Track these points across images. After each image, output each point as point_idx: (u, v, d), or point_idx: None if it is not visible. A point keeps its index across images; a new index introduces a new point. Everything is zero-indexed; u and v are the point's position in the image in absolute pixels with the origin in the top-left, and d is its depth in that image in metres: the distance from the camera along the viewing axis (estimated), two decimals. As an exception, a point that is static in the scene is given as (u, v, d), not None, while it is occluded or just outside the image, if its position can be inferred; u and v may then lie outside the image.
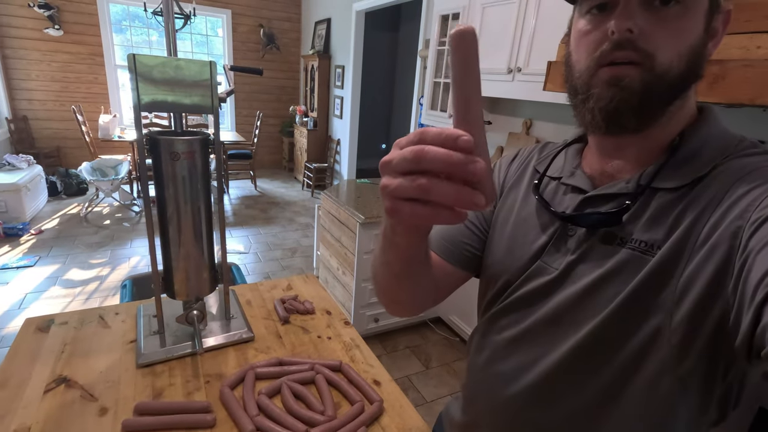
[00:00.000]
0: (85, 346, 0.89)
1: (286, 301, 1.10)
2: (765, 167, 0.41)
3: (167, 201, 0.82)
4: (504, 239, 0.59)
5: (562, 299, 0.51)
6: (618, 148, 0.50)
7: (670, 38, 0.41)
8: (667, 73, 0.42)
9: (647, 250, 0.44)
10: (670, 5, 0.41)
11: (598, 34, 0.43)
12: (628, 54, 0.42)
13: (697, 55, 0.43)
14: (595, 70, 0.44)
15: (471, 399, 0.66)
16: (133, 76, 0.73)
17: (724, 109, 1.53)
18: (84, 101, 5.11)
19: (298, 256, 3.58)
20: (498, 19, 2.20)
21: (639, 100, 0.43)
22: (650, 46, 0.41)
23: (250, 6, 5.81)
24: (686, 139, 0.46)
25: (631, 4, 0.41)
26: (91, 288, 2.80)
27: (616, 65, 0.43)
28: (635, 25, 0.41)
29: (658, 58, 0.41)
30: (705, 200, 0.43)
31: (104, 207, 4.26)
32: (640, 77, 0.42)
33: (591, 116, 0.45)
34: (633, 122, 0.44)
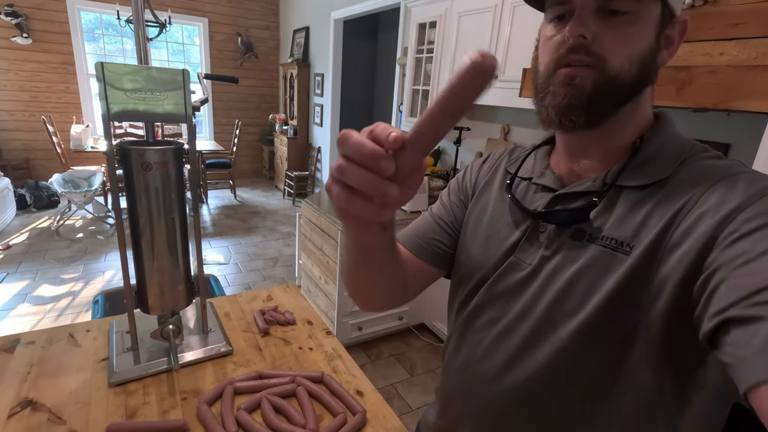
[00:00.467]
0: (54, 366, 0.85)
1: (266, 313, 1.08)
2: (732, 178, 0.44)
3: (140, 213, 0.79)
4: (478, 236, 0.61)
5: (537, 294, 0.52)
6: (582, 147, 0.53)
7: (620, 44, 0.45)
8: (618, 75, 0.45)
9: (617, 247, 0.47)
10: (619, 15, 0.44)
11: (557, 39, 0.47)
12: (582, 57, 0.46)
13: (648, 61, 0.47)
14: (553, 71, 0.48)
15: (448, 402, 0.65)
16: (101, 85, 0.71)
17: (691, 113, 1.59)
18: (55, 111, 4.96)
19: (280, 265, 3.54)
20: (474, 28, 2.24)
21: (589, 99, 0.46)
22: (602, 50, 0.45)
23: (227, 14, 5.77)
24: (646, 142, 0.50)
25: (584, 14, 0.45)
26: (63, 304, 2.69)
27: (571, 67, 0.46)
28: (588, 31, 0.45)
29: (609, 62, 0.45)
30: (675, 203, 0.45)
31: (77, 220, 4.12)
32: (592, 78, 0.46)
33: (546, 112, 0.49)
34: (582, 118, 0.47)
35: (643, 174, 0.48)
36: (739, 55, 1.17)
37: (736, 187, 0.42)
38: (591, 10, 0.45)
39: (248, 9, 5.90)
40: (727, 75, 1.18)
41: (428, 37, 2.66)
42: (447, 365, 0.66)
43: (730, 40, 1.19)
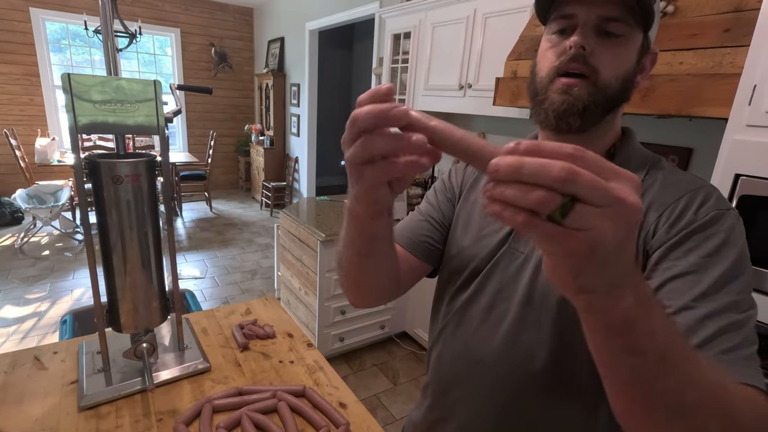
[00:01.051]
0: (18, 391, 0.81)
1: (244, 327, 1.05)
2: (701, 198, 0.51)
3: (110, 228, 0.77)
4: (470, 230, 0.66)
5: (532, 280, 0.57)
6: None
7: (611, 61, 0.52)
8: (607, 88, 0.53)
9: None
10: (612, 37, 0.52)
11: (558, 49, 0.54)
12: (580, 66, 0.52)
13: (629, 81, 0.54)
14: (553, 78, 0.54)
15: (443, 391, 0.68)
16: (68, 96, 0.68)
17: (655, 119, 1.66)
18: (18, 124, 4.76)
19: (258, 278, 3.47)
20: (447, 38, 2.29)
21: (583, 106, 0.53)
22: (597, 63, 0.52)
23: (199, 25, 5.71)
24: (618, 151, 0.58)
25: (586, 29, 0.52)
26: (28, 326, 2.56)
27: (568, 76, 0.53)
28: (588, 44, 0.51)
29: (601, 75, 0.52)
30: (646, 205, 0.53)
31: (42, 236, 3.95)
32: (587, 89, 0.52)
33: (545, 115, 0.55)
34: (577, 122, 0.54)
35: None
36: (698, 64, 1.23)
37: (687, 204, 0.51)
38: (591, 28, 0.52)
39: (221, 20, 5.85)
40: (687, 83, 1.24)
41: (403, 48, 2.69)
42: (440, 356, 0.69)
43: (688, 50, 1.25)
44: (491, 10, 2.02)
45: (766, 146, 1.02)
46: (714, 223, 0.48)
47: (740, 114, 1.07)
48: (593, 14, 0.51)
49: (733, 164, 1.07)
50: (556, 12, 0.54)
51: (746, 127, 1.06)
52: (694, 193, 0.51)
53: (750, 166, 1.05)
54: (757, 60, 1.03)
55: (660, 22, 1.37)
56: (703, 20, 1.22)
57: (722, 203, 0.51)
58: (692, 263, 0.46)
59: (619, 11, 0.50)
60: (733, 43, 1.17)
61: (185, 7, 5.55)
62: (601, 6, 0.51)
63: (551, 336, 0.55)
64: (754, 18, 1.05)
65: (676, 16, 1.28)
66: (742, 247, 0.48)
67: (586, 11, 0.51)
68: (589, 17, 0.51)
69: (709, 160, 1.55)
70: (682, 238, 0.48)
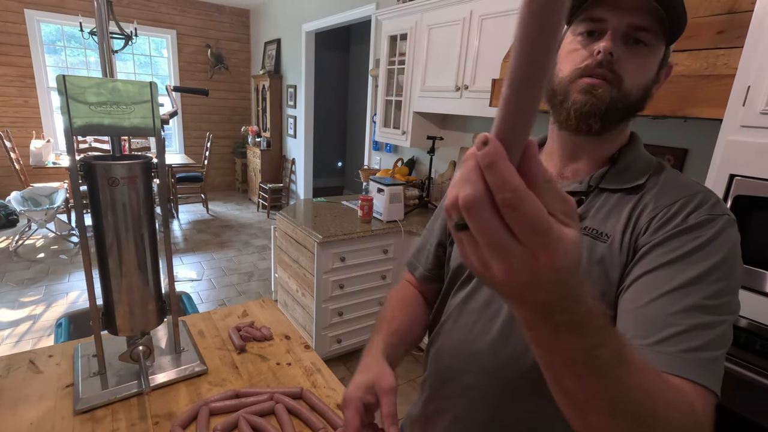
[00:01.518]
0: (13, 395, 0.80)
1: (241, 329, 1.05)
2: (686, 200, 0.52)
3: (106, 230, 0.76)
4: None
5: None
6: (575, 151, 0.61)
7: (636, 70, 0.53)
8: (629, 95, 0.53)
9: (597, 236, 0.55)
10: (640, 46, 0.52)
11: (584, 52, 0.54)
12: (605, 72, 0.52)
13: (648, 90, 0.55)
14: (576, 79, 0.54)
15: (441, 384, 0.70)
16: (63, 98, 0.68)
17: (651, 120, 1.67)
18: (12, 126, 4.74)
19: (255, 280, 3.46)
20: (444, 40, 2.30)
21: (605, 108, 0.53)
22: (622, 70, 0.52)
23: (196, 27, 5.70)
24: (623, 155, 0.59)
25: (616, 35, 0.52)
26: (22, 329, 2.54)
27: (593, 77, 0.53)
28: (616, 51, 0.52)
29: (625, 82, 0.53)
30: (643, 206, 0.55)
31: (38, 239, 3.93)
32: (610, 92, 0.53)
33: (566, 114, 0.55)
34: (597, 125, 0.54)
35: (619, 180, 0.57)
36: (692, 66, 1.24)
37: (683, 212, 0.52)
38: (621, 35, 0.52)
39: (218, 21, 5.85)
40: (682, 84, 1.25)
41: (399, 49, 2.70)
42: (438, 350, 0.71)
43: (683, 51, 1.26)
44: (487, 12, 2.03)
45: (760, 147, 1.03)
46: (702, 227, 0.48)
47: (734, 115, 1.08)
48: (624, 21, 0.51)
49: (727, 164, 1.08)
50: (585, 14, 0.54)
51: (740, 127, 1.07)
52: (690, 197, 0.52)
53: (744, 167, 1.05)
54: (751, 61, 1.04)
55: (655, 24, 1.38)
56: (698, 22, 1.23)
57: (717, 209, 0.50)
58: (671, 259, 0.47)
59: (649, 21, 0.51)
60: (727, 44, 1.18)
61: (181, 8, 5.54)
62: (632, 14, 0.51)
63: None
64: (748, 19, 1.06)
65: (670, 17, 1.29)
66: (728, 252, 0.47)
67: (618, 18, 0.51)
68: (619, 24, 0.51)
69: (704, 160, 1.56)
70: (667, 238, 0.49)
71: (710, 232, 0.48)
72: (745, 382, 1.06)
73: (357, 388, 0.58)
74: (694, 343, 0.43)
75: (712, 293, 0.45)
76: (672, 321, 0.44)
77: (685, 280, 0.46)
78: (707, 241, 0.47)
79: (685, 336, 0.43)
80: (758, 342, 1.05)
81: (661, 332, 0.44)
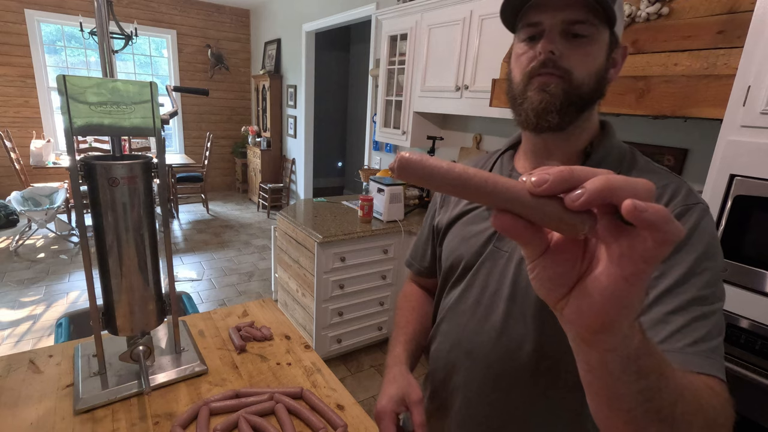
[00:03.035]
0: (13, 396, 0.80)
1: (241, 329, 1.05)
2: (672, 191, 0.54)
3: (106, 230, 0.76)
4: (459, 233, 0.70)
5: (516, 275, 0.61)
6: (547, 149, 0.62)
7: (581, 60, 0.54)
8: (581, 86, 0.55)
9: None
10: (579, 38, 0.54)
11: (530, 55, 0.56)
12: (551, 70, 0.55)
13: (602, 77, 0.57)
14: (528, 81, 0.57)
15: (442, 381, 0.72)
16: (63, 98, 0.68)
17: (651, 120, 1.67)
18: (12, 126, 4.74)
19: (255, 280, 3.46)
20: (444, 40, 2.29)
21: (560, 103, 0.55)
22: (568, 65, 0.54)
23: (196, 26, 5.70)
24: (596, 147, 0.60)
25: (552, 34, 0.54)
26: (23, 329, 2.54)
27: (543, 75, 0.55)
28: (556, 48, 0.54)
29: (574, 74, 0.54)
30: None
31: (38, 239, 3.93)
32: (562, 86, 0.55)
33: (525, 115, 0.57)
34: (555, 120, 0.56)
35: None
36: (692, 66, 1.24)
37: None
38: (558, 32, 0.54)
39: (218, 21, 5.85)
40: (682, 84, 1.25)
41: (399, 49, 2.70)
42: (437, 349, 0.74)
43: (683, 51, 1.26)
44: (487, 12, 2.03)
45: (760, 147, 1.03)
46: (679, 220, 0.50)
47: (735, 115, 1.08)
48: (557, 19, 0.53)
49: (727, 165, 1.08)
50: (522, 21, 0.57)
51: (741, 127, 1.07)
52: (664, 189, 0.54)
53: (744, 167, 1.05)
54: (751, 61, 1.04)
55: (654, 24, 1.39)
56: (698, 22, 1.23)
57: (690, 198, 0.53)
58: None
59: (582, 14, 0.52)
60: (727, 44, 1.18)
61: (181, 8, 5.54)
62: (564, 11, 0.53)
63: (535, 329, 0.60)
64: (748, 19, 1.06)
65: (670, 17, 1.29)
66: (708, 241, 0.50)
67: (551, 17, 0.53)
68: (554, 22, 0.54)
69: (704, 160, 1.56)
70: None
71: (689, 225, 0.50)
72: (745, 382, 1.06)
73: (389, 401, 0.64)
74: (695, 335, 0.44)
75: (702, 285, 0.47)
76: (670, 319, 0.46)
77: (676, 278, 0.47)
78: (688, 235, 0.50)
79: (685, 330, 0.45)
80: (758, 342, 1.05)
81: (663, 332, 0.45)
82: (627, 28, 1.38)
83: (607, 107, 1.46)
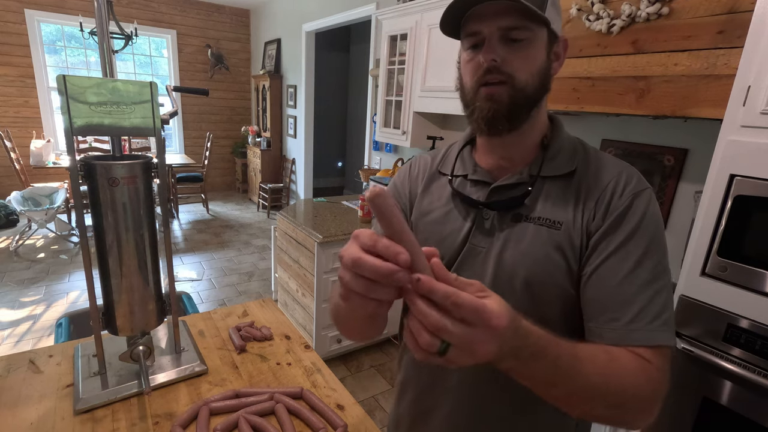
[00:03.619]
0: (13, 395, 0.80)
1: (241, 329, 1.05)
2: (625, 178, 0.59)
3: (106, 230, 0.77)
4: (434, 233, 0.70)
5: (495, 269, 0.62)
6: (504, 147, 0.65)
7: (523, 63, 0.57)
8: (525, 87, 0.58)
9: (551, 225, 0.60)
10: (518, 43, 0.56)
11: (474, 63, 0.59)
12: (496, 76, 0.57)
13: (545, 74, 0.60)
14: (476, 90, 0.59)
15: (427, 386, 0.71)
16: (63, 98, 0.68)
17: (651, 120, 1.67)
18: (12, 126, 4.74)
19: (255, 279, 3.46)
20: (444, 40, 2.28)
21: (508, 109, 0.58)
22: (510, 69, 0.57)
23: (196, 27, 5.70)
24: (550, 141, 0.64)
25: (492, 42, 0.57)
26: (23, 329, 2.54)
27: (490, 85, 0.58)
28: (497, 55, 0.56)
29: (517, 77, 0.57)
30: (585, 191, 0.60)
31: (38, 239, 3.93)
32: (507, 93, 0.57)
33: (477, 124, 0.61)
34: (506, 125, 0.59)
35: (555, 166, 0.63)
36: (692, 66, 1.24)
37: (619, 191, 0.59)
38: (497, 39, 0.57)
39: (218, 21, 5.85)
40: (682, 84, 1.25)
41: (399, 49, 2.70)
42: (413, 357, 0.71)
43: (683, 51, 1.26)
44: (487, 12, 2.02)
45: (760, 147, 1.03)
46: (631, 206, 0.57)
47: (735, 115, 1.08)
48: (494, 27, 0.56)
49: (728, 165, 1.08)
50: (464, 31, 0.60)
51: (741, 127, 1.07)
52: (618, 177, 0.59)
53: (745, 167, 1.05)
54: (751, 61, 1.04)
55: (654, 24, 1.39)
56: (697, 22, 1.23)
57: (640, 184, 0.59)
58: (617, 247, 0.56)
59: (516, 20, 0.55)
60: (727, 44, 1.17)
61: (181, 8, 5.54)
62: (499, 19, 0.55)
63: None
64: (748, 19, 1.06)
65: (670, 17, 1.29)
66: (655, 226, 0.57)
67: (488, 26, 0.56)
68: (491, 31, 0.56)
69: (704, 160, 1.56)
70: (611, 224, 0.57)
71: (639, 211, 0.57)
72: (745, 382, 1.06)
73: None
74: (653, 312, 0.53)
75: (654, 265, 0.55)
76: (634, 299, 0.54)
77: (633, 262, 0.55)
78: (639, 220, 0.56)
79: (647, 309, 0.53)
80: (758, 342, 1.04)
81: (630, 311, 0.53)
82: (627, 28, 1.38)
83: (607, 107, 1.46)
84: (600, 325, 0.55)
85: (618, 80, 1.40)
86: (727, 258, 1.07)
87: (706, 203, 1.12)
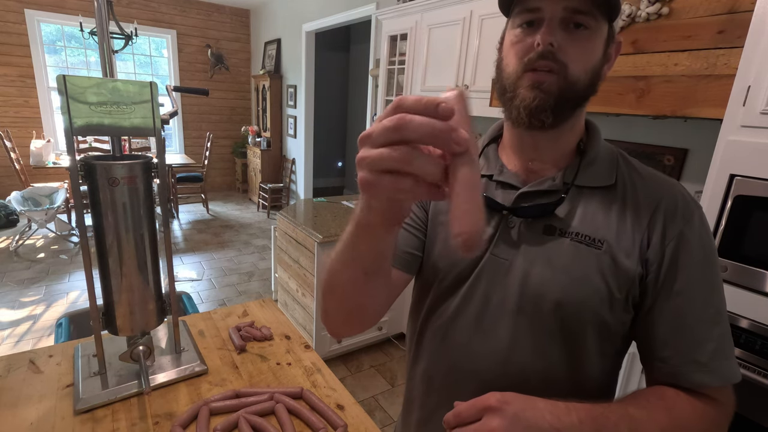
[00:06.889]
0: (13, 395, 0.80)
1: (241, 329, 1.05)
2: (679, 197, 0.54)
3: (106, 230, 0.77)
4: (448, 237, 0.61)
5: (522, 286, 0.55)
6: (535, 146, 0.59)
7: (580, 55, 0.51)
8: (577, 82, 0.51)
9: (591, 243, 0.53)
10: (581, 29, 0.50)
11: (526, 45, 0.52)
12: (549, 63, 0.50)
13: (597, 73, 0.53)
14: (521, 74, 0.52)
15: (439, 405, 0.64)
16: (63, 98, 0.68)
17: (651, 120, 1.67)
18: (12, 126, 4.74)
19: (255, 279, 3.46)
20: (444, 40, 2.29)
21: (555, 101, 0.51)
22: (565, 58, 0.50)
23: (196, 27, 5.70)
24: (587, 146, 0.58)
25: (552, 24, 0.50)
26: (23, 329, 2.54)
27: (537, 72, 0.51)
28: (556, 40, 0.49)
29: (570, 69, 0.50)
30: (632, 209, 0.54)
31: (38, 239, 3.93)
32: (557, 83, 0.51)
33: (517, 112, 0.53)
34: (549, 119, 0.52)
35: (592, 176, 0.56)
36: (692, 66, 1.24)
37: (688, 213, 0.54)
38: (557, 21, 0.50)
39: (218, 21, 5.85)
40: (682, 84, 1.25)
41: (399, 49, 2.70)
42: (427, 373, 0.65)
43: (683, 51, 1.26)
44: (487, 12, 2.03)
45: (760, 146, 1.03)
46: (693, 231, 0.52)
47: (735, 115, 1.08)
48: (559, 7, 0.49)
49: (727, 165, 1.08)
50: (521, 4, 0.52)
51: (741, 127, 1.07)
52: (671, 195, 0.54)
53: (744, 167, 1.05)
54: (751, 61, 1.04)
55: (654, 24, 1.39)
56: (698, 22, 1.23)
57: (693, 203, 0.54)
58: (687, 281, 0.51)
59: (586, 3, 0.49)
60: (727, 44, 1.18)
61: (181, 8, 5.54)
62: None
63: (546, 345, 0.55)
64: (748, 19, 1.06)
65: (670, 17, 1.29)
66: (714, 250, 0.53)
67: (552, 4, 0.49)
68: (555, 11, 0.49)
69: (704, 160, 1.56)
70: (673, 255, 0.52)
71: (703, 237, 0.52)
72: (745, 382, 1.06)
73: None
74: (725, 350, 0.51)
75: (720, 298, 0.52)
76: (707, 338, 0.51)
77: (703, 299, 0.51)
78: (704, 248, 0.52)
79: (720, 349, 0.51)
80: (758, 342, 1.05)
81: (705, 352, 0.51)
82: (627, 28, 1.38)
83: (607, 107, 1.46)
84: (674, 365, 0.52)
85: (618, 80, 1.40)
86: (727, 258, 1.08)
87: (706, 203, 1.12)
